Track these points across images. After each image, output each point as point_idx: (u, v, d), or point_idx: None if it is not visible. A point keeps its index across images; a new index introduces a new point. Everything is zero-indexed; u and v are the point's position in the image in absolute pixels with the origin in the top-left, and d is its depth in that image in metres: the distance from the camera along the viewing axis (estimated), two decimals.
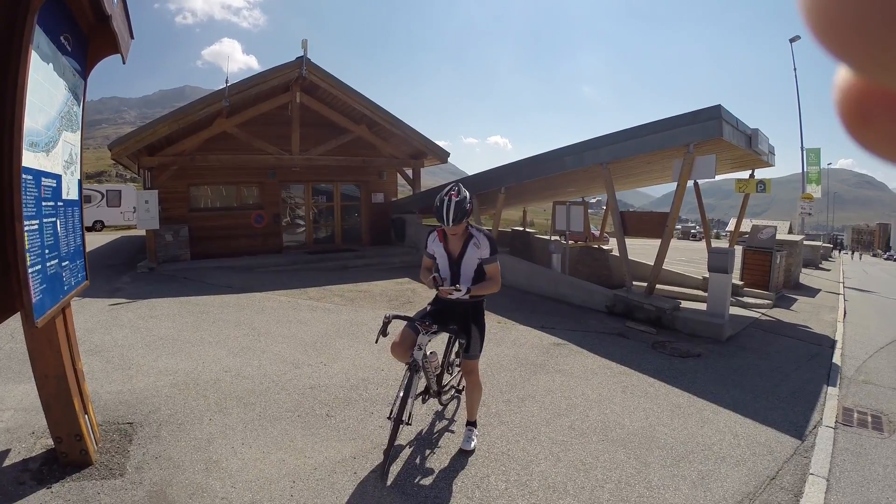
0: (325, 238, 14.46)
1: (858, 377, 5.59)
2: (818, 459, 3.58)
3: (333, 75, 11.92)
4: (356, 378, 4.69)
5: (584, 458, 3.44)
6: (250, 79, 11.04)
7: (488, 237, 3.23)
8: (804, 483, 3.26)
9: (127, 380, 4.43)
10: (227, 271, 10.51)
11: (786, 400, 4.72)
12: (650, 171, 10.24)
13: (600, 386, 4.85)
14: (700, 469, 3.36)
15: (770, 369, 5.64)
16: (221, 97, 10.39)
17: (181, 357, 5.11)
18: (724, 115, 6.79)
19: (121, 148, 10.20)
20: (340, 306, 7.76)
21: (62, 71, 2.31)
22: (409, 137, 13.67)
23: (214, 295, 8.27)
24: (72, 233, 2.80)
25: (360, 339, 5.96)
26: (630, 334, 6.92)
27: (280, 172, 12.87)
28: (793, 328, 7.82)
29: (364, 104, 12.66)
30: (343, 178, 14.25)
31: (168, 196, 11.43)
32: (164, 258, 11.04)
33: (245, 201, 12.97)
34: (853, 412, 4.54)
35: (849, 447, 3.85)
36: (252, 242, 12.60)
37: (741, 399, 4.67)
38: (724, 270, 7.49)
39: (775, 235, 10.46)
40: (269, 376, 4.65)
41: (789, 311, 9.05)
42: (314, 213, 14.24)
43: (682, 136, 7.19)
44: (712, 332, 6.95)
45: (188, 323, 6.46)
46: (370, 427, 3.70)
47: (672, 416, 4.23)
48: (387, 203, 14.87)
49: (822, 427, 4.15)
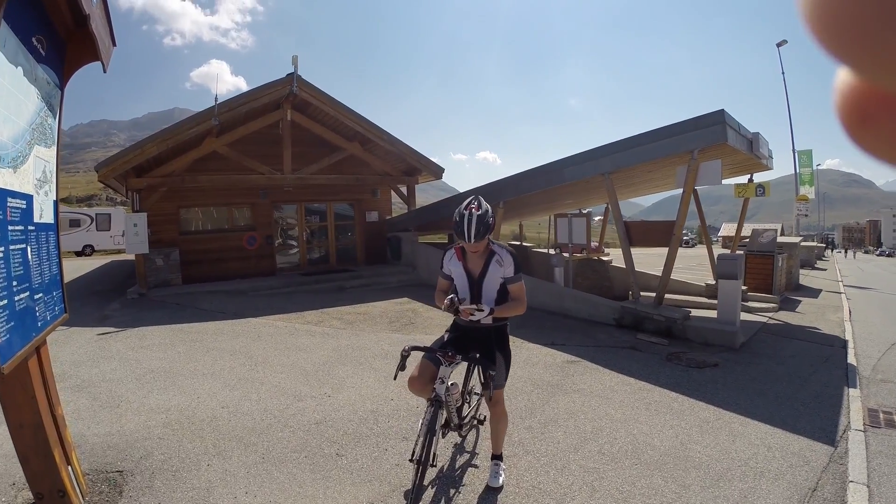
0: (319, 259, 14.19)
1: (876, 376, 5.44)
2: (855, 466, 3.44)
3: (325, 92, 11.75)
4: (364, 410, 4.38)
5: (620, 485, 3.19)
6: (240, 96, 10.85)
7: (512, 254, 2.97)
8: (845, 492, 3.12)
9: (116, 419, 4.07)
10: (220, 295, 10.20)
11: (809, 405, 4.56)
12: (650, 179, 10.14)
13: (623, 404, 4.62)
14: (741, 487, 3.16)
15: (788, 374, 5.48)
16: (211, 115, 10.14)
17: (174, 392, 4.77)
18: (727, 120, 6.69)
19: (108, 169, 9.90)
20: (340, 330, 7.47)
21: (34, 78, 2.04)
22: (402, 154, 13.53)
23: (207, 321, 7.92)
24: (46, 261, 2.47)
25: (364, 366, 5.66)
26: (642, 347, 6.71)
27: (272, 192, 12.64)
28: (802, 330, 7.67)
29: (356, 121, 12.49)
30: (336, 196, 14.03)
31: (157, 219, 11.13)
32: (154, 283, 10.74)
33: (236, 223, 12.70)
34: (878, 413, 4.39)
35: (882, 450, 3.69)
36: (244, 265, 12.32)
37: (766, 408, 4.50)
38: (734, 277, 7.32)
39: (776, 238, 10.38)
40: (269, 411, 4.31)
41: (795, 314, 8.92)
42: (307, 233, 13.96)
43: (686, 143, 7.06)
44: (725, 340, 6.76)
45: (181, 353, 6.12)
46: (386, 466, 3.38)
47: (702, 431, 4.03)
48: (381, 221, 14.66)
49: (852, 431, 4.01)
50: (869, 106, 0.23)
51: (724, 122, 6.63)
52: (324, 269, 13.29)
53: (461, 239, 2.81)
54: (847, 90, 0.23)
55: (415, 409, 4.37)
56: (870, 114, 0.23)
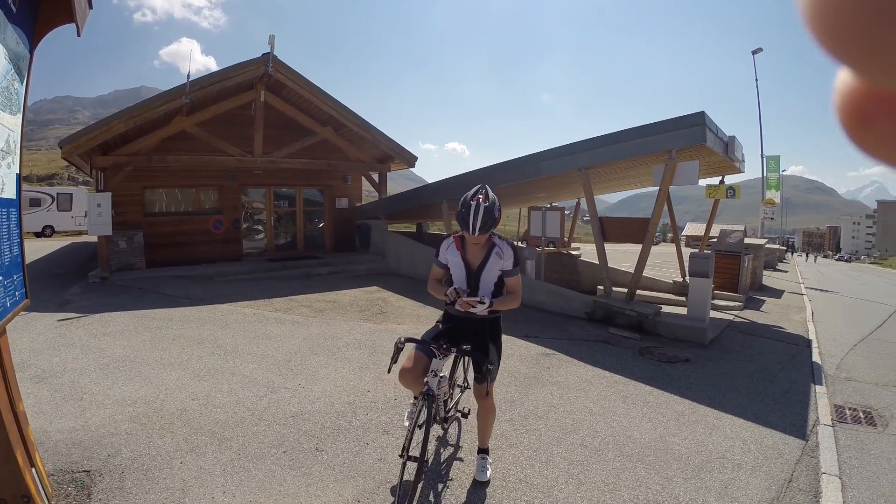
0: (287, 245, 13.86)
1: (841, 375, 5.68)
2: (826, 458, 3.59)
3: (301, 74, 11.39)
4: (341, 402, 4.25)
5: (605, 478, 3.22)
6: (213, 75, 10.39)
7: (512, 246, 2.90)
8: (819, 482, 3.25)
9: (80, 413, 3.79)
10: (186, 281, 9.81)
11: (780, 401, 4.73)
12: (625, 176, 10.27)
13: (600, 397, 4.67)
14: (721, 479, 3.26)
15: (757, 371, 5.67)
16: (182, 93, 9.67)
17: (140, 383, 4.49)
18: (707, 122, 6.80)
19: (72, 146, 9.34)
20: (310, 318, 7.29)
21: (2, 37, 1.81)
22: (376, 140, 13.30)
23: (173, 308, 7.57)
24: (6, 241, 2.19)
25: (338, 356, 5.52)
26: (614, 341, 6.80)
27: (241, 175, 12.23)
28: (767, 329, 7.95)
29: (331, 105, 12.17)
30: (306, 182, 13.70)
31: (122, 199, 10.61)
32: (117, 266, 10.24)
33: (203, 206, 12.24)
34: (845, 409, 4.59)
35: (851, 444, 3.86)
36: (211, 249, 11.89)
37: (738, 403, 4.64)
38: (705, 275, 7.51)
39: (744, 239, 10.71)
40: (242, 404, 4.11)
41: (760, 312, 9.25)
42: (275, 218, 13.60)
43: (666, 142, 7.14)
44: (695, 336, 6.93)
45: (146, 341, 5.80)
46: (368, 461, 3.28)
47: (679, 424, 4.12)
48: (351, 208, 14.43)
49: (821, 426, 4.18)
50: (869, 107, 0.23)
51: (703, 124, 6.75)
52: (291, 256, 12.99)
53: (464, 229, 2.72)
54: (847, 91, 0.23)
55: (393, 402, 4.29)
56: (870, 115, 0.23)
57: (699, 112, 6.84)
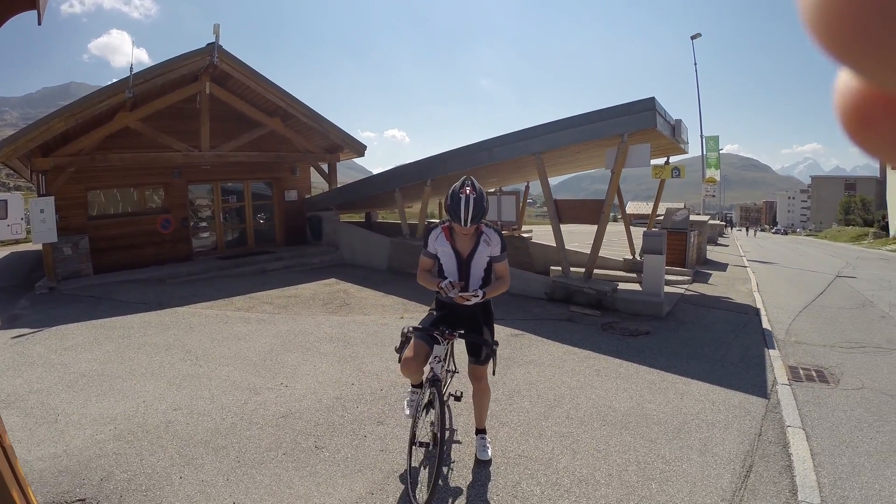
0: (237, 241, 13.44)
1: (790, 339, 6.21)
2: (788, 413, 3.94)
3: (246, 63, 10.95)
4: (328, 397, 4.23)
5: (596, 446, 3.43)
6: (157, 67, 9.82)
7: (498, 233, 3.00)
8: (786, 434, 3.58)
9: (59, 438, 3.52)
10: (138, 285, 9.35)
11: (738, 365, 5.12)
12: (576, 160, 10.61)
13: (574, 372, 4.90)
14: (699, 437, 3.54)
15: (714, 339, 6.07)
16: (125, 87, 9.10)
17: (115, 397, 4.24)
18: (657, 107, 7.14)
19: (10, 149, 8.71)
20: (274, 315, 7.16)
21: None
22: (325, 130, 13.09)
23: (131, 314, 7.18)
24: None
25: (312, 352, 5.47)
26: (577, 318, 7.08)
27: (186, 171, 11.68)
28: (717, 300, 8.53)
29: (278, 95, 11.80)
30: (254, 175, 13.30)
31: (64, 203, 9.92)
32: (64, 274, 9.62)
33: (149, 205, 11.64)
34: (798, 369, 5.04)
35: (809, 400, 4.27)
36: (159, 250, 11.35)
37: (701, 369, 4.99)
38: (659, 252, 7.93)
39: (689, 217, 11.36)
40: (228, 409, 3.99)
41: (708, 285, 9.88)
42: (223, 214, 13.10)
43: (618, 127, 7.44)
44: (652, 310, 7.32)
45: (110, 352, 5.48)
46: (371, 453, 3.30)
47: (652, 392, 4.41)
48: (301, 200, 14.17)
49: (779, 385, 4.58)
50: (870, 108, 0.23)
51: (654, 109, 7.09)
52: (243, 252, 12.61)
53: (455, 222, 2.77)
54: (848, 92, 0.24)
55: (380, 393, 4.32)
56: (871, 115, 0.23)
57: (650, 98, 7.18)
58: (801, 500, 2.75)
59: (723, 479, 2.99)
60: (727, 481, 2.96)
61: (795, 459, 3.19)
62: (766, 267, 14.28)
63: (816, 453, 3.29)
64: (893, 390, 4.46)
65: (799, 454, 3.25)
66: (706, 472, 3.05)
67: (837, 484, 2.95)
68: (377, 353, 5.43)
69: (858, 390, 4.46)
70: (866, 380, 4.72)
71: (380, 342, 5.83)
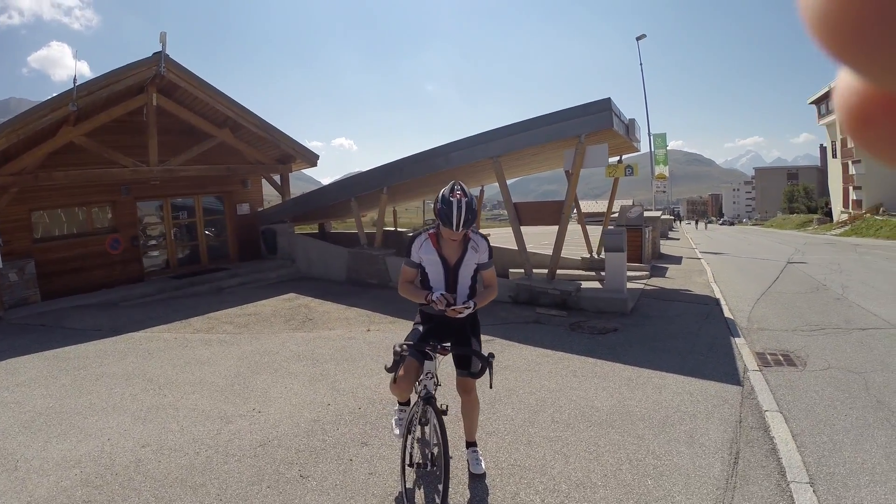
0: (189, 258, 12.89)
1: (753, 326, 6.50)
2: (764, 398, 4.11)
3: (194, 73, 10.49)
4: (305, 421, 4.03)
5: (587, 447, 3.45)
6: (101, 78, 9.28)
7: (486, 239, 2.96)
8: (765, 419, 3.74)
9: (20, 487, 3.15)
10: (90, 310, 8.80)
11: (708, 355, 5.31)
12: (534, 161, 10.77)
13: (552, 375, 4.93)
14: (683, 429, 3.63)
15: (680, 332, 6.28)
16: (68, 100, 8.53)
17: (77, 436, 3.87)
18: (613, 108, 7.35)
19: None
20: (236, 335, 6.88)
21: None
22: (276, 140, 12.79)
23: (85, 342, 6.69)
24: None
25: (281, 372, 5.24)
26: (544, 320, 7.15)
27: (134, 188, 11.10)
28: (677, 293, 8.84)
29: (228, 105, 11.41)
30: (204, 189, 12.80)
31: (8, 226, 9.29)
32: (10, 303, 8.92)
33: (97, 224, 10.96)
34: (766, 355, 5.28)
35: (781, 384, 4.47)
36: (109, 272, 10.71)
37: (674, 361, 5.13)
38: (620, 249, 8.15)
39: (643, 213, 11.77)
40: (201, 441, 3.72)
41: (666, 279, 10.24)
42: (175, 231, 12.50)
43: (575, 128, 7.60)
44: (617, 307, 7.49)
45: (66, 385, 5.04)
46: (359, 477, 3.16)
47: (630, 388, 4.49)
48: (253, 214, 13.77)
49: (751, 372, 4.79)
50: (870, 107, 0.23)
51: (610, 110, 7.30)
52: (196, 270, 12.08)
53: (446, 226, 2.70)
54: (849, 92, 0.24)
55: (358, 412, 4.17)
56: (871, 115, 0.24)
57: (605, 98, 7.38)
58: (792, 481, 2.86)
59: (714, 468, 3.06)
60: (718, 470, 3.04)
61: (778, 442, 3.32)
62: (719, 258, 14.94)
63: (797, 434, 3.44)
64: (859, 368, 4.73)
65: (781, 437, 3.39)
66: (697, 463, 3.12)
67: (822, 461, 3.10)
68: (348, 369, 5.28)
69: (826, 370, 4.71)
70: (832, 360, 4.99)
71: (350, 358, 5.67)
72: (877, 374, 4.55)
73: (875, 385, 4.28)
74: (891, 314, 6.75)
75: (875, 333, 5.89)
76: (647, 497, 2.79)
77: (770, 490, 2.81)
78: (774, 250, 17.12)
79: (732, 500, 2.71)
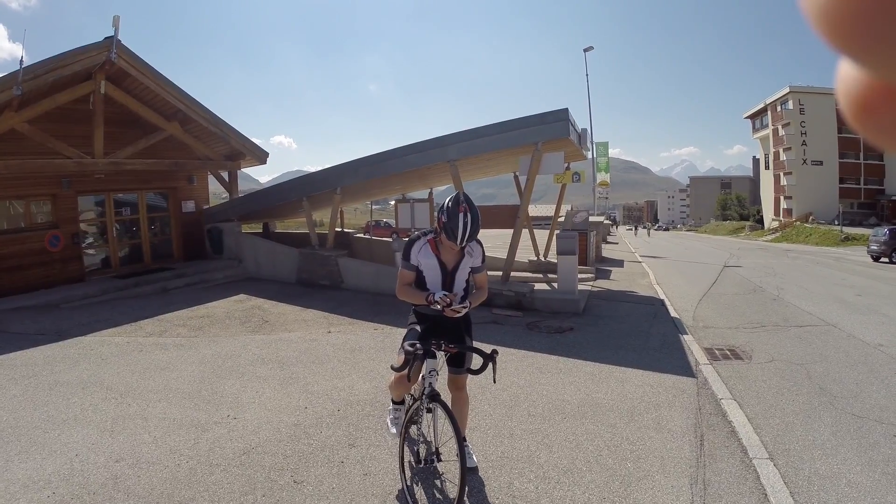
0: (132, 257, 12.22)
1: (699, 324, 7.08)
2: (718, 388, 4.56)
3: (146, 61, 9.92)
4: (286, 426, 3.98)
5: (567, 437, 3.69)
6: (47, 61, 8.61)
7: (480, 244, 3.09)
8: (722, 406, 4.15)
9: None
10: (30, 312, 8.14)
11: (662, 351, 5.77)
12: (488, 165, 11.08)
13: (519, 372, 5.15)
14: (651, 417, 3.97)
15: (632, 330, 6.73)
16: (13, 83, 7.83)
17: (41, 453, 3.57)
18: (569, 118, 7.74)
19: None
20: (192, 338, 6.65)
21: None
22: (226, 136, 12.39)
23: (30, 348, 6.17)
24: None
25: (248, 376, 5.13)
26: (501, 320, 7.40)
27: (76, 181, 10.33)
28: (624, 294, 9.41)
29: (178, 97, 10.92)
30: (149, 185, 12.15)
31: None
32: None
33: (36, 219, 10.11)
34: (714, 350, 5.81)
35: (731, 375, 4.98)
36: (48, 271, 9.92)
37: (630, 357, 5.53)
38: (573, 252, 8.58)
39: (588, 218, 12.40)
40: (179, 452, 3.54)
41: (612, 281, 10.86)
42: (117, 228, 11.74)
43: (533, 135, 7.94)
44: (570, 307, 7.88)
45: (18, 396, 4.64)
46: (355, 479, 3.18)
47: (595, 382, 4.82)
48: (199, 211, 13.27)
49: (702, 365, 5.28)
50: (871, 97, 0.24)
51: (567, 119, 7.70)
52: (140, 270, 11.47)
53: (450, 240, 2.80)
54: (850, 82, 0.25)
55: (337, 413, 4.20)
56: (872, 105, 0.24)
57: (563, 109, 7.77)
58: (754, 457, 3.26)
59: (684, 449, 3.41)
60: (688, 451, 3.39)
61: (737, 425, 3.75)
62: (659, 261, 15.89)
63: (752, 418, 3.89)
64: (800, 360, 5.34)
65: (738, 420, 3.83)
66: (668, 446, 3.46)
67: (778, 440, 3.55)
68: (318, 371, 5.26)
69: (771, 363, 5.28)
70: (774, 353, 5.59)
71: (316, 359, 5.65)
72: (817, 364, 5.17)
73: (816, 374, 4.88)
74: (824, 312, 7.55)
75: (812, 330, 6.62)
76: (630, 478, 3.07)
77: (736, 466, 3.19)
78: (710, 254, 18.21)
79: (705, 476, 3.06)
